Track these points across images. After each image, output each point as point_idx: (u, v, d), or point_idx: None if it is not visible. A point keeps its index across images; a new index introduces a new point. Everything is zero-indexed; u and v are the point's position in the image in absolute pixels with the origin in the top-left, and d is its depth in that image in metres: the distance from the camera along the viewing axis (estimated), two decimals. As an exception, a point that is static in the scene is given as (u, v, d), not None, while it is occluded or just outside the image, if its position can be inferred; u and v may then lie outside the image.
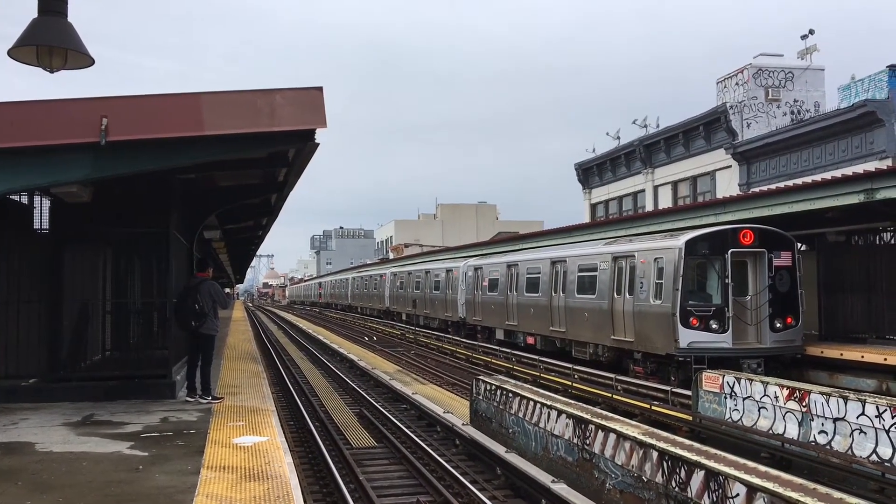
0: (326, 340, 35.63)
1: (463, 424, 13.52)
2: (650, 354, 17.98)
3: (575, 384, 18.82)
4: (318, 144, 9.23)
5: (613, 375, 18.39)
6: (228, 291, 77.58)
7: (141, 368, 12.42)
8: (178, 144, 8.76)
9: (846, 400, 11.03)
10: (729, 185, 32.56)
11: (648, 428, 10.36)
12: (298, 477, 8.16)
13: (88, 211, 11.38)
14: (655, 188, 39.25)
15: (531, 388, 14.46)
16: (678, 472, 8.41)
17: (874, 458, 10.33)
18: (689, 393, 14.93)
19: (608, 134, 45.28)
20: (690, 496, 8.14)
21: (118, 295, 13.75)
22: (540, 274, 24.57)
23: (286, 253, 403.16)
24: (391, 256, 77.04)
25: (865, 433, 10.57)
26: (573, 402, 12.71)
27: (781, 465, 10.93)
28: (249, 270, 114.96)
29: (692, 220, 20.08)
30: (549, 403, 11.80)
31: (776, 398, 12.37)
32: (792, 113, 33.18)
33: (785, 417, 12.13)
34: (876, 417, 10.44)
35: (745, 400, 13.10)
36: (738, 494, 7.48)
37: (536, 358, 23.13)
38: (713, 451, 8.84)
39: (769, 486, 7.19)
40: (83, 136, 8.12)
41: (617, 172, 43.06)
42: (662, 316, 17.15)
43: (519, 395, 12.87)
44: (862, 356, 15.78)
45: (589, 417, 10.58)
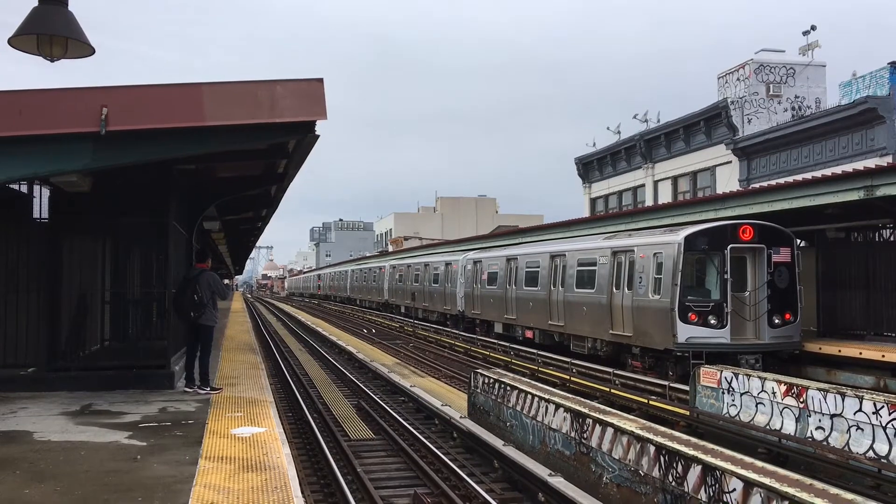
0: (325, 332, 35.66)
1: (461, 417, 13.55)
2: (648, 349, 18.00)
3: (573, 378, 18.85)
4: (318, 136, 9.22)
5: (611, 370, 18.41)
6: (227, 282, 77.62)
7: (139, 358, 12.43)
8: (178, 135, 8.75)
9: (844, 396, 11.05)
10: (729, 180, 32.54)
11: (646, 422, 10.39)
12: (296, 468, 8.18)
13: (88, 200, 11.37)
14: (655, 183, 39.23)
15: (529, 381, 14.48)
16: (675, 466, 8.43)
17: (871, 454, 10.35)
18: (686, 388, 14.96)
19: (608, 128, 45.34)
20: (687, 491, 8.17)
21: (117, 285, 13.76)
22: (539, 268, 24.57)
23: (285, 245, 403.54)
24: (390, 249, 76.97)
25: (862, 429, 10.60)
26: (571, 395, 12.73)
27: (778, 460, 10.95)
28: (249, 262, 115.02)
29: (692, 215, 20.08)
30: (546, 397, 11.83)
31: (774, 394, 12.39)
32: (793, 109, 33.15)
33: (782, 413, 12.16)
34: (873, 414, 10.46)
35: (742, 395, 13.12)
36: (734, 489, 7.50)
37: (535, 352, 23.15)
38: (710, 446, 8.86)
39: (766, 481, 7.21)
40: (83, 125, 8.11)
41: (617, 167, 43.03)
42: (661, 311, 17.17)
43: (517, 388, 12.90)
44: (860, 353, 15.80)
45: (586, 411, 10.60)
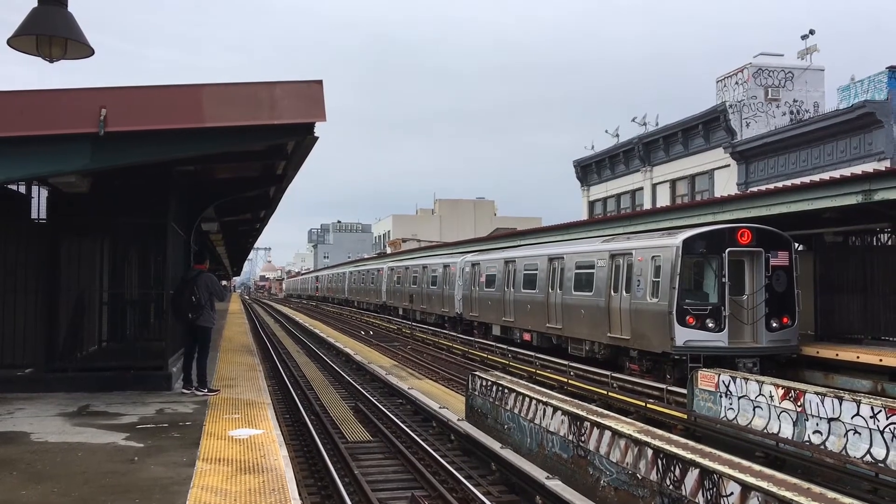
0: (322, 334, 35.64)
1: (458, 420, 13.54)
2: (646, 352, 18.01)
3: (571, 381, 18.85)
4: (317, 138, 9.21)
5: (609, 373, 18.42)
6: (225, 284, 77.61)
7: (137, 360, 12.41)
8: (177, 136, 8.73)
9: (841, 400, 11.05)
10: (727, 184, 32.56)
11: (643, 426, 10.39)
12: (294, 470, 8.16)
13: (86, 201, 11.36)
14: (654, 186, 39.25)
15: (527, 384, 14.48)
16: (673, 470, 8.43)
17: (868, 458, 10.36)
18: (684, 391, 14.96)
19: (607, 131, 45.21)
20: (685, 494, 8.17)
21: (115, 286, 13.72)
22: (537, 270, 24.58)
23: (283, 246, 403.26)
24: (388, 251, 76.96)
25: (860, 434, 10.60)
26: (569, 398, 12.74)
27: (776, 464, 10.96)
28: (246, 263, 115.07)
29: (690, 218, 20.09)
30: (544, 400, 11.83)
31: (771, 398, 12.40)
32: (791, 113, 33.18)
33: (780, 417, 12.16)
34: (870, 418, 10.47)
35: (740, 399, 13.13)
36: (732, 493, 7.51)
37: (532, 354, 23.15)
38: (708, 449, 8.87)
39: (763, 485, 7.22)
40: (82, 126, 8.09)
41: (615, 170, 43.04)
42: (659, 314, 17.18)
43: (515, 391, 12.89)
44: (857, 357, 15.82)
45: (584, 414, 10.60)
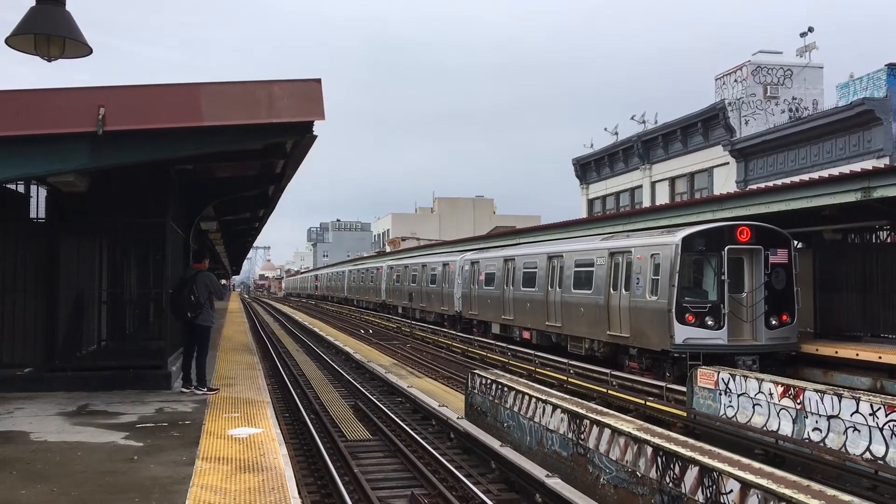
0: (322, 333, 35.64)
1: (458, 418, 13.54)
2: (645, 350, 18.01)
3: (570, 379, 18.86)
4: (315, 136, 9.21)
5: (609, 371, 18.42)
6: (224, 283, 77.53)
7: (136, 359, 12.42)
8: (176, 135, 8.73)
9: (840, 397, 11.06)
10: (726, 181, 32.56)
11: (643, 423, 10.39)
12: (293, 469, 8.16)
13: (85, 200, 11.36)
14: (653, 184, 39.25)
15: (526, 382, 14.48)
16: (672, 467, 8.43)
17: (868, 455, 10.36)
18: (683, 389, 14.97)
19: (606, 129, 45.22)
20: (684, 492, 8.17)
21: (114, 285, 13.72)
22: (536, 269, 24.58)
23: (283, 245, 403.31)
24: (388, 249, 76.93)
25: (859, 431, 10.61)
26: (568, 396, 12.74)
27: (775, 462, 10.96)
28: (246, 262, 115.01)
29: (689, 216, 20.09)
30: (544, 398, 11.83)
31: (771, 395, 12.40)
32: (790, 110, 33.19)
33: (779, 414, 12.17)
34: (870, 415, 10.48)
35: (739, 397, 13.13)
36: (731, 490, 7.51)
37: (532, 352, 23.15)
38: (707, 447, 8.86)
39: (763, 482, 7.22)
40: (80, 125, 8.09)
41: (614, 168, 43.04)
42: (658, 312, 17.18)
43: (514, 389, 12.89)
44: (857, 354, 15.82)
45: (584, 412, 10.60)
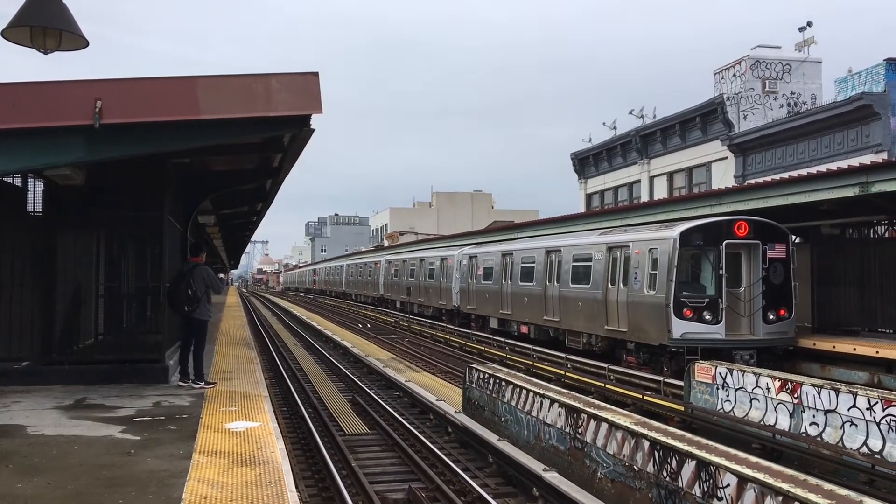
0: (320, 327, 35.65)
1: (455, 412, 13.54)
2: (643, 345, 18.02)
3: (568, 373, 18.87)
4: (313, 130, 9.18)
5: (606, 365, 18.43)
6: (222, 277, 77.47)
7: (134, 353, 12.39)
8: (173, 128, 8.71)
9: (837, 392, 11.07)
10: (724, 176, 32.55)
11: (640, 418, 10.40)
12: (290, 462, 8.17)
13: (82, 194, 11.33)
14: (651, 179, 39.25)
15: (524, 376, 14.49)
16: (669, 461, 8.44)
17: (864, 450, 10.38)
18: (681, 383, 14.98)
19: (605, 124, 45.18)
20: (681, 486, 8.18)
21: (111, 279, 13.68)
22: (534, 263, 24.58)
23: (281, 239, 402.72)
24: (386, 244, 76.94)
25: (856, 425, 10.62)
26: (566, 391, 12.74)
27: (772, 456, 10.98)
28: (244, 256, 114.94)
29: (687, 211, 20.09)
30: (541, 392, 11.83)
31: (768, 390, 12.42)
32: (789, 105, 33.16)
33: (776, 409, 12.19)
34: (867, 410, 10.49)
35: (736, 391, 13.15)
36: (728, 484, 7.52)
37: (530, 347, 23.17)
38: (704, 441, 8.87)
39: (759, 476, 7.23)
40: (77, 118, 8.07)
41: (613, 163, 43.03)
42: (656, 306, 17.18)
43: (512, 383, 12.90)
44: (854, 349, 15.85)
45: (581, 407, 10.61)
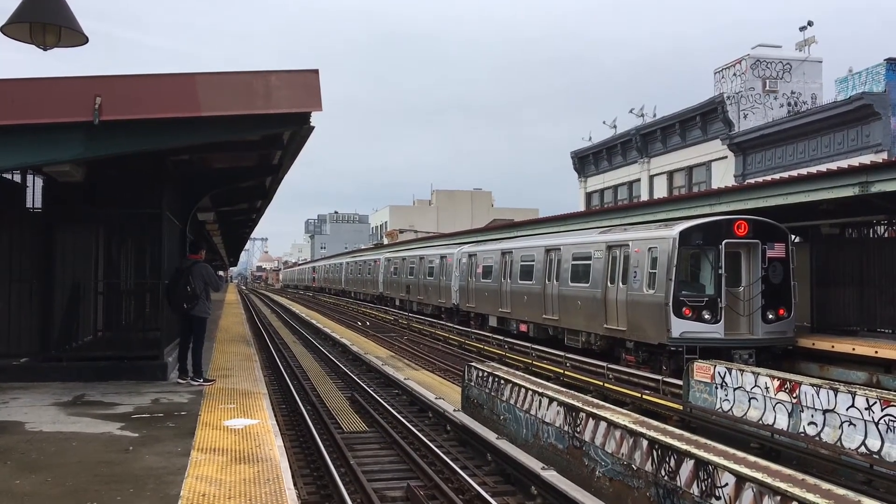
0: (319, 325, 35.63)
1: (454, 410, 13.54)
2: (642, 344, 18.02)
3: (567, 372, 18.87)
4: (313, 127, 9.17)
5: (605, 364, 18.43)
6: (221, 274, 77.43)
7: (132, 349, 12.38)
8: (172, 125, 8.70)
9: (836, 392, 11.07)
10: (724, 175, 32.55)
11: (639, 417, 10.40)
12: (289, 460, 8.18)
13: (81, 190, 11.32)
14: (651, 178, 39.25)
15: (523, 375, 14.49)
16: (668, 460, 8.44)
17: (863, 449, 10.38)
18: (680, 382, 14.98)
19: (605, 122, 45.23)
20: (680, 485, 8.18)
21: (110, 275, 13.68)
22: (534, 262, 24.58)
23: (281, 236, 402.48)
24: (385, 242, 76.92)
25: (855, 425, 10.62)
26: (564, 389, 12.74)
27: (770, 455, 10.98)
28: (243, 253, 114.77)
29: (687, 210, 20.09)
30: (540, 391, 11.83)
31: (766, 389, 12.42)
32: (789, 104, 33.16)
33: (775, 408, 12.19)
34: (865, 410, 10.49)
35: (735, 390, 13.14)
36: (726, 484, 7.51)
37: (529, 345, 23.17)
38: (703, 440, 8.87)
39: (758, 476, 7.23)
40: (76, 115, 8.07)
41: (613, 161, 43.02)
42: (655, 305, 17.18)
43: (511, 382, 12.89)
44: (853, 349, 15.85)
45: (580, 405, 10.60)
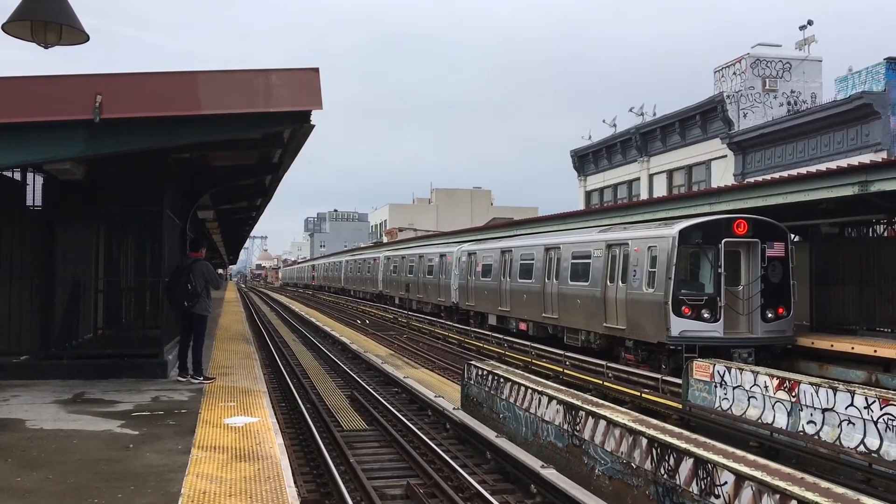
0: (319, 323, 35.64)
1: (454, 409, 13.56)
2: (642, 342, 18.04)
3: (566, 370, 18.88)
4: (313, 126, 9.18)
5: (604, 363, 18.45)
6: (221, 272, 77.49)
7: (133, 347, 12.41)
8: (173, 123, 8.71)
9: (835, 391, 11.09)
10: (724, 174, 32.56)
11: (638, 415, 10.41)
12: (289, 458, 8.18)
13: (82, 188, 11.33)
14: (650, 176, 39.25)
15: (523, 373, 14.50)
16: (667, 459, 8.45)
17: (862, 448, 10.40)
18: (679, 381, 14.99)
19: (605, 121, 45.17)
20: (679, 483, 8.19)
21: (111, 273, 13.70)
22: (533, 260, 24.59)
23: (280, 235, 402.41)
24: (385, 240, 76.91)
25: (854, 424, 10.64)
26: (564, 388, 12.76)
27: (769, 454, 11.00)
28: (243, 251, 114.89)
29: (686, 209, 20.10)
30: (540, 389, 11.85)
31: (766, 388, 12.43)
32: (789, 104, 33.16)
33: (774, 407, 12.20)
34: (864, 408, 10.51)
35: (734, 389, 13.16)
36: (726, 482, 7.53)
37: (528, 344, 23.18)
38: (702, 439, 8.89)
39: (757, 474, 7.24)
40: (77, 112, 8.07)
41: (612, 160, 43.01)
42: (655, 304, 17.20)
43: (510, 380, 12.91)
44: (852, 347, 15.87)
45: (579, 404, 10.62)
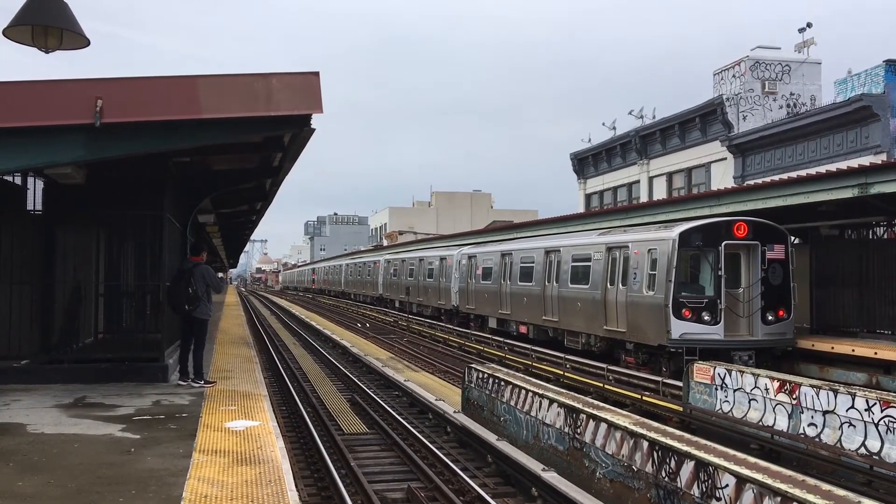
0: (319, 326, 35.64)
1: (454, 412, 13.56)
2: (642, 345, 18.03)
3: (567, 373, 18.88)
4: (313, 130, 9.19)
5: (605, 365, 18.44)
6: (221, 276, 77.46)
7: (133, 351, 12.40)
8: (173, 127, 8.73)
9: (836, 393, 11.09)
10: (724, 177, 32.58)
11: (639, 418, 10.40)
12: (290, 462, 8.18)
13: (82, 192, 11.33)
14: (650, 179, 39.27)
15: (523, 376, 14.50)
16: (668, 462, 8.45)
17: (863, 450, 10.40)
18: (680, 384, 15.00)
19: (604, 124, 45.21)
20: (680, 486, 8.19)
21: (111, 277, 13.71)
22: (534, 263, 24.59)
23: (280, 238, 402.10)
24: (385, 243, 76.93)
25: (854, 426, 10.64)
26: (564, 391, 12.75)
27: (770, 456, 11.00)
28: (243, 255, 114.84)
29: (686, 211, 20.10)
30: (540, 392, 11.84)
31: (766, 390, 12.44)
32: (788, 106, 33.19)
33: (775, 409, 12.21)
34: (865, 411, 10.51)
35: (735, 392, 13.16)
36: (727, 485, 7.53)
37: (529, 347, 23.18)
38: (703, 441, 8.88)
39: (758, 477, 7.24)
40: (78, 117, 8.08)
41: (612, 163, 43.05)
42: (655, 307, 17.20)
43: (511, 383, 12.91)
44: (852, 350, 15.86)
45: (580, 407, 10.62)
